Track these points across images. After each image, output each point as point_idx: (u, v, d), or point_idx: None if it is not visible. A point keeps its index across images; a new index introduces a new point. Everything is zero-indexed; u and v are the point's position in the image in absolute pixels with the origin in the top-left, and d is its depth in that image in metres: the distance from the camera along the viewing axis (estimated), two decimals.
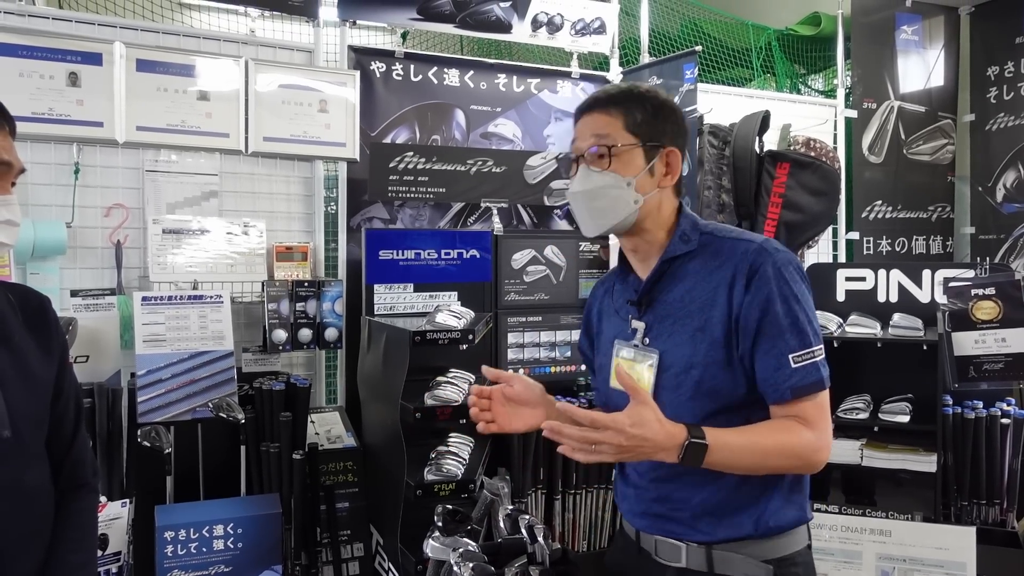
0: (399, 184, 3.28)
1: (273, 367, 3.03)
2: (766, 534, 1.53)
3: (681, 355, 1.53)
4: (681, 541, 1.57)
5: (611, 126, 1.55)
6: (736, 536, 1.53)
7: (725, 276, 1.51)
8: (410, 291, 3.11)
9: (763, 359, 1.46)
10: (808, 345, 1.46)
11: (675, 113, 1.61)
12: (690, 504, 1.55)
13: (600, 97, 1.60)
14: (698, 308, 1.52)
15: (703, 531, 1.54)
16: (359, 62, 3.36)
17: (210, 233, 2.97)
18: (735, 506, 1.52)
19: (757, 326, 1.46)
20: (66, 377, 1.65)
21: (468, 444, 2.82)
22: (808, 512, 1.60)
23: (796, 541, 1.57)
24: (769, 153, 3.58)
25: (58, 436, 1.62)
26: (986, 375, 3.04)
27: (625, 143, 1.54)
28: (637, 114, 1.56)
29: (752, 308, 1.47)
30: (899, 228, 4.75)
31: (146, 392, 2.57)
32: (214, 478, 2.70)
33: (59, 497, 1.62)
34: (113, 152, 2.91)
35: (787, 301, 1.46)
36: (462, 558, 1.80)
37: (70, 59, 2.79)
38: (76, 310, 2.67)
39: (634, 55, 4.08)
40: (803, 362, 1.46)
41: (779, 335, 1.45)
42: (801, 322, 1.46)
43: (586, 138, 1.58)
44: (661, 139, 1.57)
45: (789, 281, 1.47)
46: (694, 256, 1.57)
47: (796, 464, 1.48)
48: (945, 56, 4.91)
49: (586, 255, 3.52)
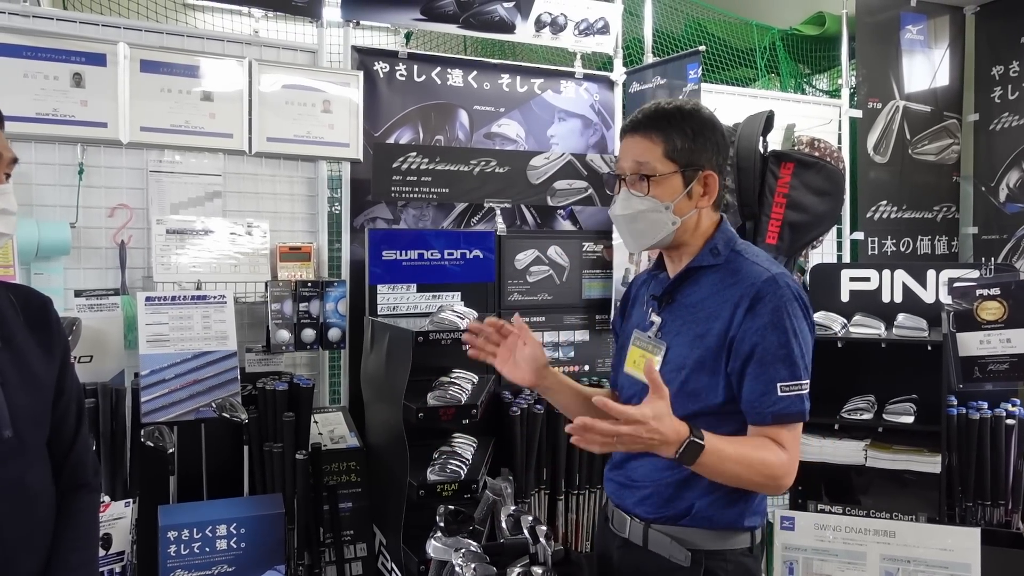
0: (402, 184, 3.29)
1: (276, 367, 3.03)
2: (698, 523, 1.65)
3: (678, 354, 1.66)
4: (628, 514, 1.75)
5: (650, 152, 1.64)
6: (670, 515, 1.67)
7: (733, 295, 1.61)
8: (413, 291, 3.12)
9: (752, 383, 1.57)
10: (797, 378, 1.57)
11: (715, 133, 1.68)
12: (648, 480, 1.70)
13: (641, 120, 1.68)
14: (704, 317, 1.63)
15: (647, 507, 1.70)
16: (362, 62, 3.36)
17: (214, 233, 2.97)
18: (679, 492, 1.66)
19: (751, 350, 1.57)
20: (67, 377, 1.65)
21: (471, 444, 2.83)
22: (753, 521, 1.69)
23: (732, 541, 1.68)
24: (773, 153, 3.56)
25: (59, 436, 1.63)
26: (991, 376, 3.03)
27: (664, 171, 1.64)
28: (677, 140, 1.64)
29: (749, 333, 1.57)
30: (904, 228, 4.74)
31: (150, 392, 2.57)
32: (217, 478, 2.70)
33: (60, 497, 1.62)
34: (117, 152, 2.92)
35: (785, 333, 1.56)
36: (464, 558, 1.80)
37: (74, 60, 2.80)
38: (80, 310, 2.67)
39: (638, 55, 4.07)
40: (790, 392, 1.56)
41: (771, 364, 1.55)
42: (795, 355, 1.56)
43: (627, 160, 1.68)
44: (699, 163, 1.66)
45: (791, 315, 1.57)
46: (717, 270, 1.67)
47: (767, 483, 1.57)
48: (950, 56, 4.89)
49: (589, 255, 3.52)
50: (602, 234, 3.55)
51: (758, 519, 1.72)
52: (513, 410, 2.94)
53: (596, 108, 3.82)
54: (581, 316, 3.45)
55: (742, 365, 1.57)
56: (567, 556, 1.94)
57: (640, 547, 1.72)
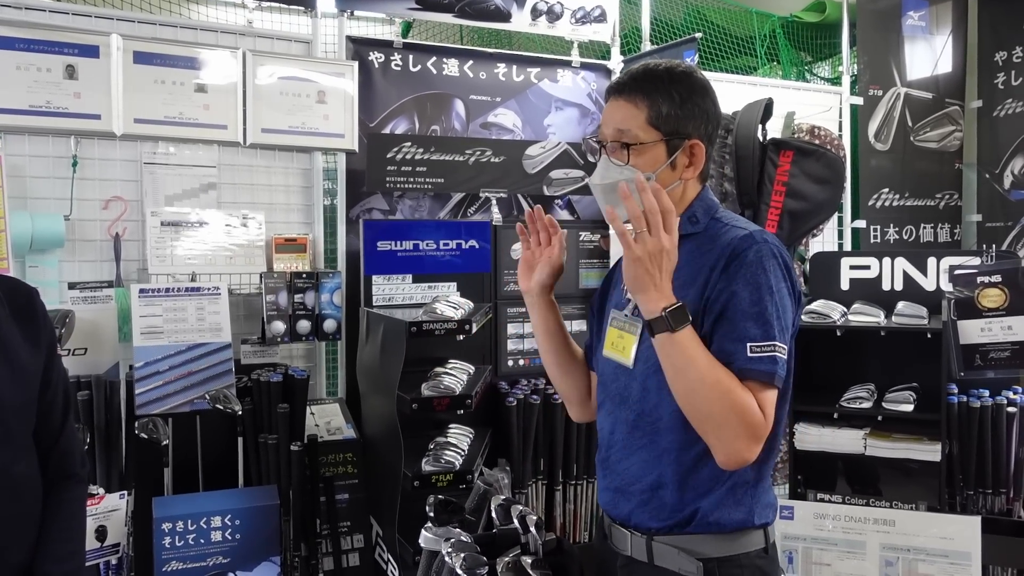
0: (397, 175, 3.27)
1: (272, 359, 3.02)
2: (704, 530, 1.50)
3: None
4: (627, 528, 1.59)
5: (633, 119, 1.51)
6: (674, 524, 1.52)
7: (709, 260, 1.48)
8: (409, 282, 3.10)
9: (720, 342, 1.41)
10: (771, 338, 1.40)
11: (706, 100, 1.55)
12: (641, 482, 1.55)
13: (626, 83, 1.54)
14: (679, 286, 1.45)
15: (649, 515, 1.54)
16: (357, 52, 3.35)
17: (209, 225, 2.97)
18: (678, 494, 1.50)
19: (721, 308, 1.42)
20: (54, 367, 1.65)
21: (468, 435, 2.82)
22: (764, 517, 1.54)
23: (744, 543, 1.52)
24: (772, 141, 3.53)
25: (46, 426, 1.62)
26: (992, 363, 3.01)
27: (646, 140, 1.51)
28: (663, 105, 1.51)
29: (721, 291, 1.43)
30: (906, 216, 4.70)
31: (144, 384, 2.57)
32: (212, 470, 2.70)
33: (47, 487, 1.62)
34: (111, 145, 2.91)
35: (759, 289, 1.41)
36: (454, 548, 1.78)
37: (67, 52, 2.79)
38: (74, 303, 2.66)
39: (636, 44, 4.04)
40: (761, 353, 1.39)
41: (741, 321, 1.41)
42: (768, 313, 1.41)
43: (609, 126, 1.55)
44: (686, 131, 1.52)
45: (768, 271, 1.43)
46: (695, 238, 1.54)
47: (731, 420, 1.36)
48: (952, 42, 4.84)
49: (586, 245, 3.50)
50: (599, 224, 3.53)
51: (770, 513, 1.56)
52: (509, 400, 2.93)
53: (593, 97, 3.80)
54: (578, 306, 3.43)
55: (712, 325, 1.43)
56: (559, 546, 1.93)
57: (645, 563, 1.56)
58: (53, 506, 1.60)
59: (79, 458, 1.69)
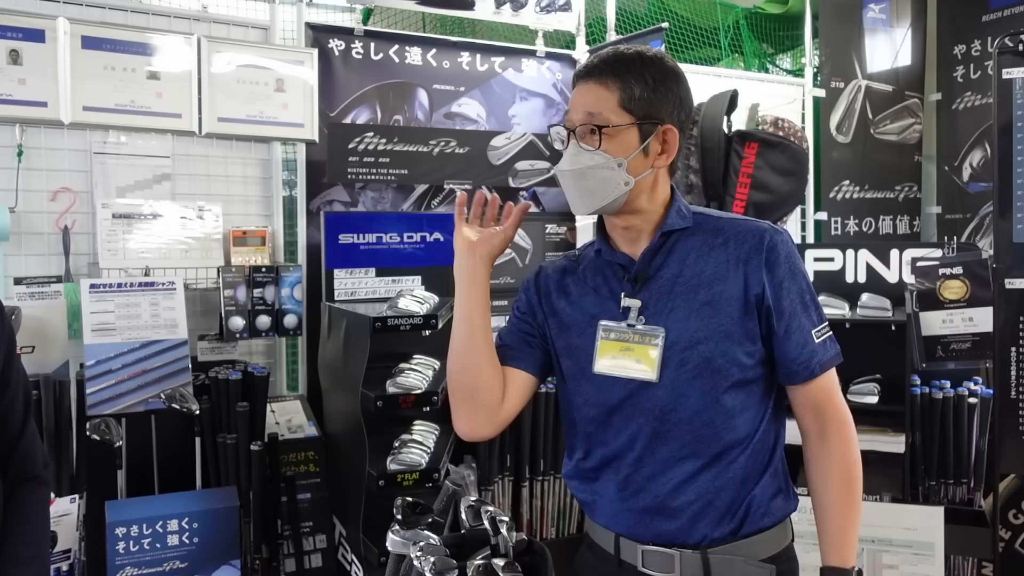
0: (359, 166, 3.19)
1: (231, 356, 2.94)
2: (759, 526, 1.45)
3: (684, 330, 1.44)
4: (672, 547, 1.44)
5: (605, 102, 1.43)
6: (728, 532, 1.44)
7: (735, 253, 1.45)
8: (372, 276, 3.04)
9: (791, 338, 1.44)
10: (823, 320, 1.48)
11: (679, 85, 1.48)
12: (687, 494, 1.44)
13: (597, 65, 1.47)
14: (704, 282, 1.44)
15: (703, 527, 1.44)
16: (317, 40, 3.26)
17: (163, 217, 2.87)
18: (733, 493, 1.44)
19: (786, 306, 1.44)
20: (12, 368, 1.57)
21: (433, 432, 2.76)
22: (793, 502, 1.53)
23: (786, 533, 1.51)
24: (737, 133, 3.52)
25: (5, 429, 1.55)
26: (953, 354, 3.04)
27: (618, 122, 1.43)
28: (635, 88, 1.44)
29: (779, 289, 1.44)
30: (866, 208, 4.74)
31: (95, 383, 2.47)
32: (168, 471, 2.61)
33: (8, 491, 1.54)
34: (59, 133, 2.80)
35: (805, 278, 1.47)
36: (423, 552, 1.73)
37: (10, 36, 2.66)
38: (20, 299, 2.56)
39: (601, 33, 4.00)
40: (823, 336, 1.47)
41: (803, 314, 1.45)
42: (815, 299, 1.48)
43: (578, 111, 1.46)
44: (659, 115, 1.45)
45: (797, 261, 1.47)
46: (692, 232, 1.49)
47: (859, 471, 1.53)
48: (912, 35, 4.89)
49: (552, 238, 3.47)
50: (565, 216, 3.49)
51: (793, 498, 1.54)
52: None
53: (559, 87, 3.75)
54: None
55: (780, 324, 1.43)
56: (530, 546, 1.89)
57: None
58: (14, 509, 1.54)
59: (41, 460, 1.62)
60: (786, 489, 1.52)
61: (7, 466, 1.55)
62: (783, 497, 1.50)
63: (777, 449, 1.50)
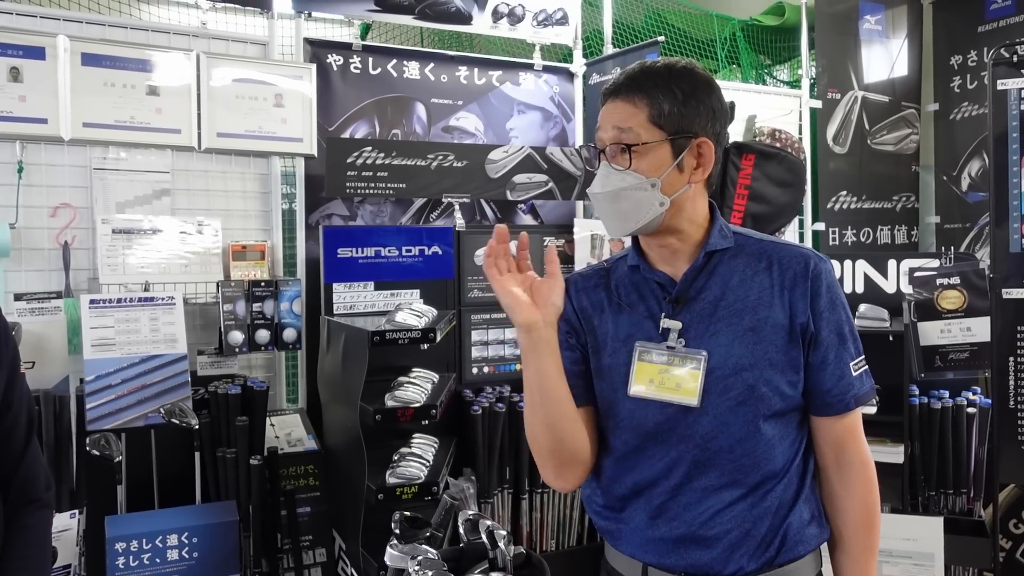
0: (357, 180, 3.20)
1: (230, 370, 2.94)
2: (796, 552, 1.42)
3: (728, 356, 1.39)
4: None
5: (634, 118, 1.38)
6: (766, 560, 1.40)
7: (779, 278, 1.42)
8: (370, 289, 3.04)
9: (829, 369, 1.41)
10: (861, 352, 1.45)
11: (711, 95, 1.42)
12: (723, 523, 1.40)
13: (623, 82, 1.41)
14: (749, 308, 1.41)
15: (740, 556, 1.39)
16: (315, 55, 3.28)
17: (162, 233, 2.88)
18: (772, 521, 1.41)
19: (828, 336, 1.41)
20: (16, 388, 1.56)
21: (432, 445, 2.77)
22: (827, 528, 1.49)
23: (819, 562, 1.48)
24: (735, 144, 3.54)
25: (7, 450, 1.53)
26: (952, 364, 3.05)
27: (648, 139, 1.38)
28: (664, 103, 1.38)
29: (820, 317, 1.41)
30: (864, 218, 4.76)
31: (95, 399, 2.48)
32: (168, 486, 2.61)
33: (10, 513, 1.53)
34: (59, 150, 2.81)
35: (845, 309, 1.44)
36: (421, 566, 1.74)
37: (11, 53, 2.68)
38: (20, 314, 2.56)
39: (598, 47, 4.03)
40: (859, 370, 1.44)
41: (842, 344, 1.42)
42: (853, 330, 1.45)
43: (607, 129, 1.42)
44: (691, 129, 1.39)
45: (839, 290, 1.45)
46: (734, 254, 1.44)
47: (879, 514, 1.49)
48: (908, 45, 4.92)
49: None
50: (563, 228, 3.50)
51: (825, 526, 1.49)
52: (474, 409, 2.88)
53: (556, 100, 3.77)
54: None
55: (821, 352, 1.40)
56: (528, 559, 1.90)
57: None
58: (15, 532, 1.52)
59: (43, 482, 1.60)
60: (819, 516, 1.47)
61: (8, 488, 1.54)
62: (816, 524, 1.46)
63: (807, 476, 1.47)
